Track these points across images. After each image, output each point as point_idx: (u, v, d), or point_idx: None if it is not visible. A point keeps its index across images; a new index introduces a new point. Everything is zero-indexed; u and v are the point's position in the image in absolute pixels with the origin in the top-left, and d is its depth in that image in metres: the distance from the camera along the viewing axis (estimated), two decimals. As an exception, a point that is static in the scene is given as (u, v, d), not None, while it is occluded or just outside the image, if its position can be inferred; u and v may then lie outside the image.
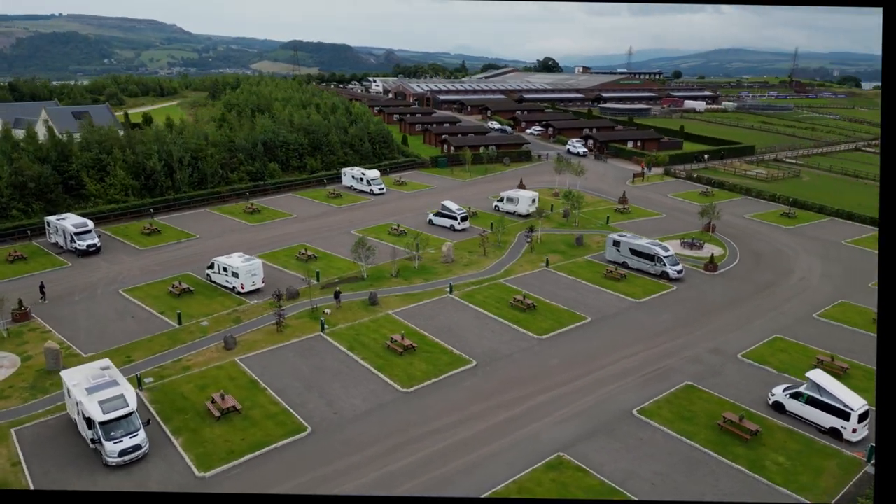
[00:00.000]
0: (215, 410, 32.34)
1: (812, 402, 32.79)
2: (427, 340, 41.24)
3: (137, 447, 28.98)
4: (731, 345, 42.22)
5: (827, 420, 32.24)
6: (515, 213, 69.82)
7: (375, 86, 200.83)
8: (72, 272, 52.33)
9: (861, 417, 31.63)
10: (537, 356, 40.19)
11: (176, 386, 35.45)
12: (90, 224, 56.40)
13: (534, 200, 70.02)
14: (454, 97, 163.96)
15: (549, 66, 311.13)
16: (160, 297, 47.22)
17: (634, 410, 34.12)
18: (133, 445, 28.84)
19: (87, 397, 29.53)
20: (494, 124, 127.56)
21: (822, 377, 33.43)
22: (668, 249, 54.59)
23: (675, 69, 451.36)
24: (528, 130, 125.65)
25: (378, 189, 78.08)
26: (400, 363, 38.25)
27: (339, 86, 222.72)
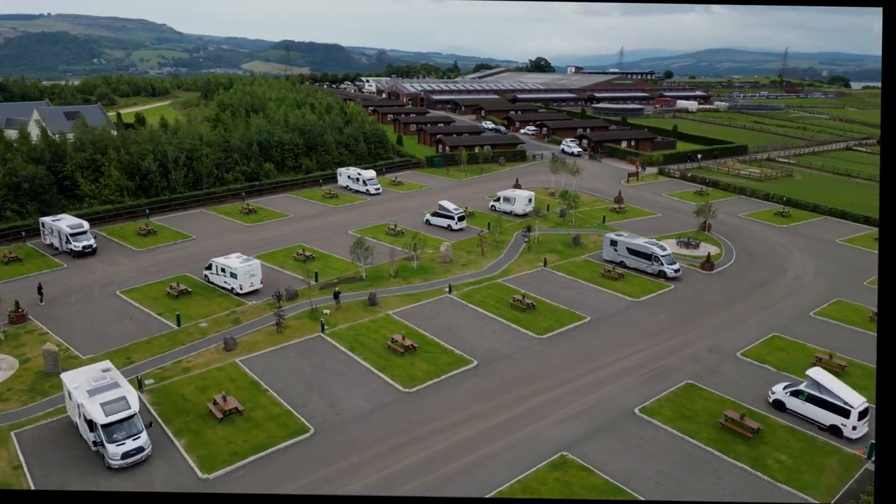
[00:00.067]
0: (217, 412, 32.21)
1: (812, 399, 33.01)
2: (427, 340, 41.24)
3: (140, 449, 28.81)
4: (729, 343, 42.46)
5: (827, 418, 32.46)
6: (512, 212, 69.93)
7: (368, 86, 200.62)
8: (68, 273, 51.96)
9: (861, 415, 31.88)
10: (538, 356, 40.27)
11: (177, 387, 35.27)
12: (86, 225, 56.02)
13: (530, 200, 70.14)
14: (448, 97, 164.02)
15: (541, 66, 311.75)
16: (158, 298, 46.97)
17: (636, 409, 34.24)
18: (136, 448, 28.67)
19: (88, 399, 29.33)
20: (488, 124, 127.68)
21: (821, 375, 33.67)
22: (666, 248, 54.82)
23: (666, 69, 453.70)
24: (522, 130, 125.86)
25: (374, 189, 77.99)
26: (401, 363, 38.23)
27: (332, 86, 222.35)
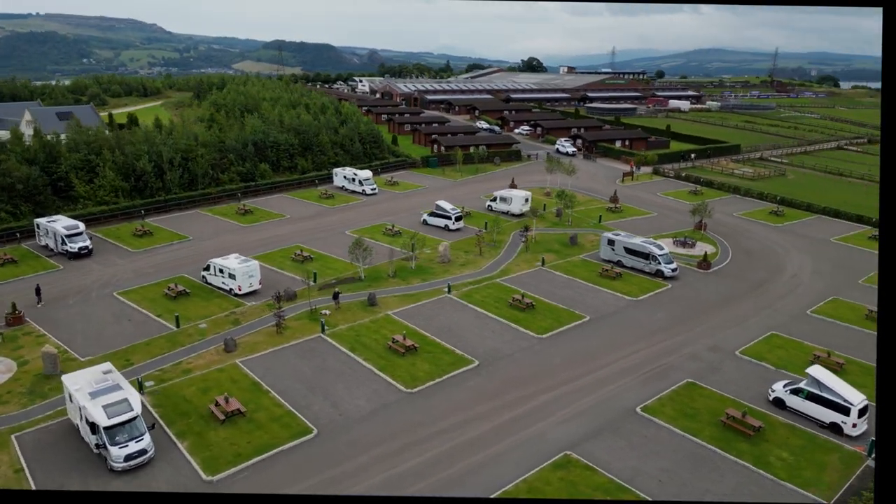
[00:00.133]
0: (220, 413, 32.07)
1: (812, 397, 33.25)
2: (428, 340, 41.23)
3: (143, 452, 28.65)
4: (728, 342, 42.69)
5: (827, 415, 32.69)
6: (508, 212, 70.02)
7: (362, 86, 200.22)
8: (64, 275, 51.59)
9: (861, 412, 32.14)
10: (538, 355, 40.35)
11: (178, 389, 35.10)
12: (81, 226, 55.64)
13: (527, 200, 70.26)
14: (441, 97, 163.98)
15: (533, 66, 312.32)
16: (156, 299, 46.72)
17: (638, 408, 34.37)
18: (139, 450, 28.51)
19: (90, 402, 29.14)
20: (483, 124, 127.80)
21: (821, 373, 33.91)
22: (663, 248, 55.04)
23: (657, 69, 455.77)
24: (516, 130, 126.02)
25: (370, 189, 77.89)
26: (402, 364, 38.20)
27: (324, 86, 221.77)
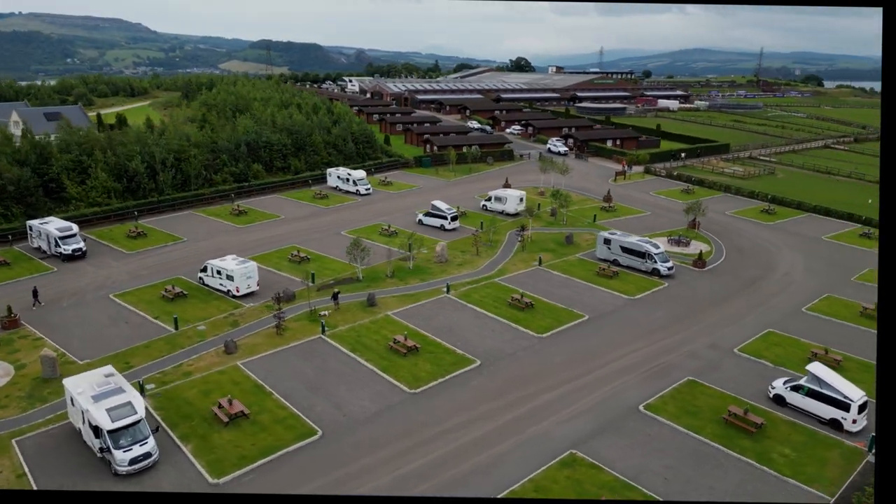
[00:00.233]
0: (223, 416, 31.89)
1: (812, 394, 33.60)
2: (429, 341, 41.22)
3: (148, 455, 28.43)
4: (726, 340, 43.04)
5: (827, 411, 33.05)
6: (503, 212, 70.15)
7: (351, 85, 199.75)
8: (58, 277, 51.04)
9: (860, 408, 32.52)
10: (539, 354, 40.46)
11: (179, 392, 34.85)
12: (75, 228, 55.06)
13: (521, 199, 70.43)
14: (432, 97, 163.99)
15: (521, 65, 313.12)
16: (153, 301, 46.35)
17: (640, 406, 34.57)
18: (143, 453, 28.28)
19: (93, 405, 28.85)
20: (474, 124, 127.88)
21: (821, 370, 34.27)
22: (659, 247, 55.38)
23: (643, 68, 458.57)
24: (507, 130, 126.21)
25: (364, 189, 77.72)
26: (404, 364, 38.17)
27: (313, 85, 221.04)
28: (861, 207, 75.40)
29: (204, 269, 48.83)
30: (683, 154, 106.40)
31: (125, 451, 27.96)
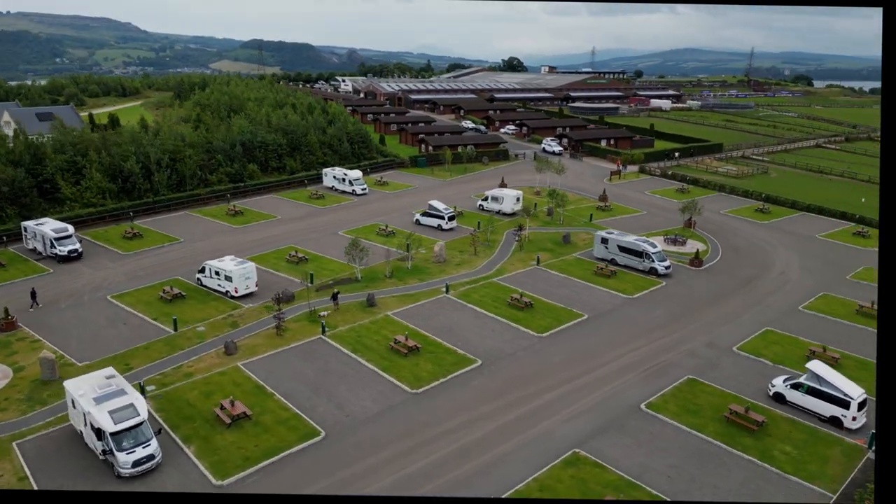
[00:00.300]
0: (225, 417, 31.76)
1: (812, 391, 33.82)
2: (429, 341, 41.21)
3: (151, 457, 28.28)
4: (724, 338, 43.26)
5: (827, 409, 33.29)
6: (500, 211, 70.23)
7: (345, 85, 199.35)
8: (54, 279, 50.67)
9: (860, 406, 32.77)
10: (540, 354, 40.53)
11: (180, 393, 34.69)
12: (70, 229, 54.69)
13: (518, 199, 70.52)
14: (426, 97, 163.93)
15: (514, 65, 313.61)
16: (151, 302, 46.11)
17: (642, 405, 34.70)
18: (146, 455, 28.13)
19: (95, 407, 28.67)
20: (468, 124, 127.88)
21: (821, 368, 34.51)
22: (656, 246, 55.60)
23: (634, 68, 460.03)
24: (502, 130, 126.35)
25: (360, 189, 77.61)
26: (405, 364, 38.15)
27: (306, 85, 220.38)
28: (854, 206, 75.98)
29: (202, 270, 48.62)
30: (677, 154, 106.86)
31: (128, 454, 27.81)
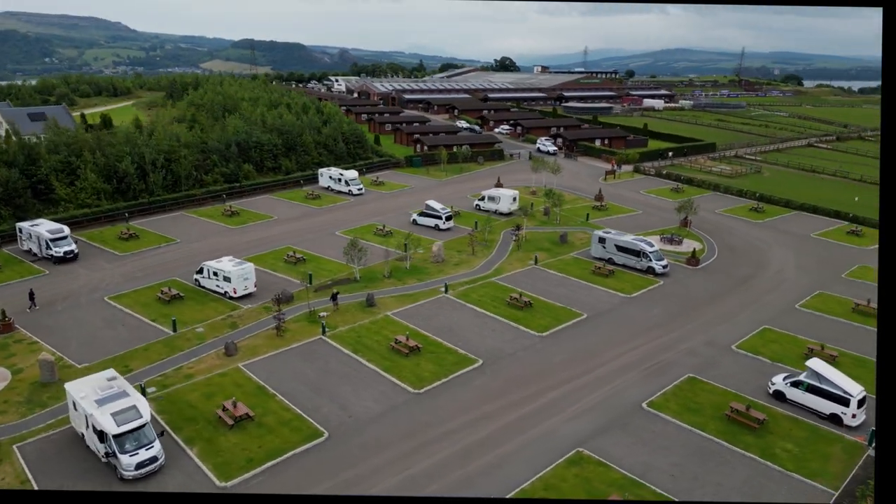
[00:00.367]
0: (228, 418, 31.64)
1: (812, 389, 34.06)
2: (430, 341, 41.21)
3: (154, 459, 28.14)
4: (723, 337, 43.49)
5: (827, 406, 33.52)
6: (497, 211, 70.29)
7: (338, 85, 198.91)
8: (50, 280, 50.30)
9: (859, 403, 33.03)
10: (540, 353, 40.61)
11: (181, 395, 34.53)
12: (66, 230, 54.29)
13: (514, 199, 70.63)
14: (419, 97, 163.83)
15: (506, 65, 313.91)
16: (149, 303, 45.86)
17: (644, 404, 34.84)
18: (150, 457, 27.99)
19: (97, 410, 28.49)
20: (462, 123, 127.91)
21: (820, 365, 34.76)
22: (653, 245, 55.82)
23: (626, 68, 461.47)
24: (496, 129, 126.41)
25: (357, 189, 77.47)
26: (407, 364, 38.13)
27: (299, 85, 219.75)
28: (847, 205, 76.56)
29: (200, 271, 48.40)
30: (671, 153, 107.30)
31: (131, 456, 27.66)
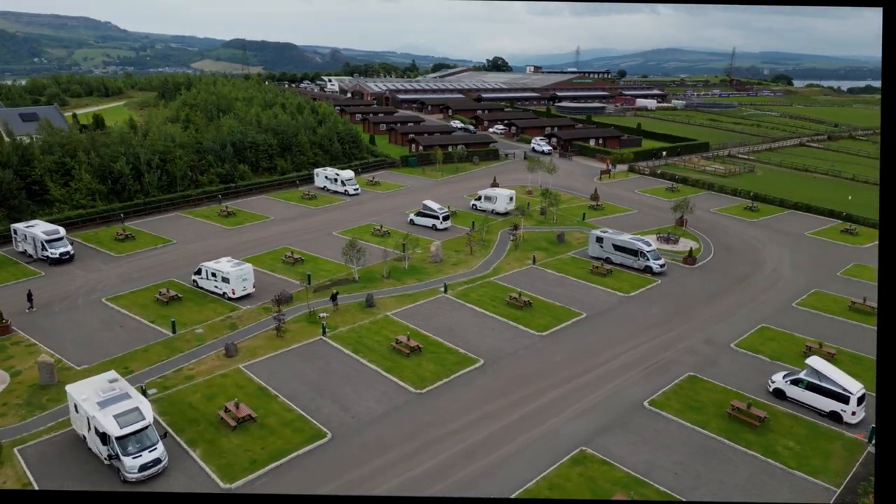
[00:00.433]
0: (230, 420, 31.52)
1: (812, 387, 34.28)
2: (430, 340, 41.19)
3: (157, 461, 27.99)
4: (721, 335, 43.70)
5: (827, 404, 33.74)
6: (493, 211, 70.37)
7: (331, 85, 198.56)
8: (47, 281, 49.94)
9: (859, 400, 33.28)
10: (540, 353, 40.67)
11: (183, 396, 34.37)
12: (62, 231, 53.92)
13: (511, 199, 70.72)
14: (413, 96, 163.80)
15: (499, 65, 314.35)
16: (147, 305, 45.61)
17: (645, 402, 34.96)
18: (153, 459, 27.84)
19: (100, 412, 28.31)
20: (457, 123, 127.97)
21: (820, 363, 34.99)
22: (651, 244, 56.02)
23: (617, 68, 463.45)
24: (490, 129, 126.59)
25: (353, 190, 77.35)
26: (408, 364, 38.11)
27: (291, 85, 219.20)
28: (841, 204, 77.12)
29: (198, 272, 48.18)
30: (665, 153, 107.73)
31: (134, 458, 27.51)
